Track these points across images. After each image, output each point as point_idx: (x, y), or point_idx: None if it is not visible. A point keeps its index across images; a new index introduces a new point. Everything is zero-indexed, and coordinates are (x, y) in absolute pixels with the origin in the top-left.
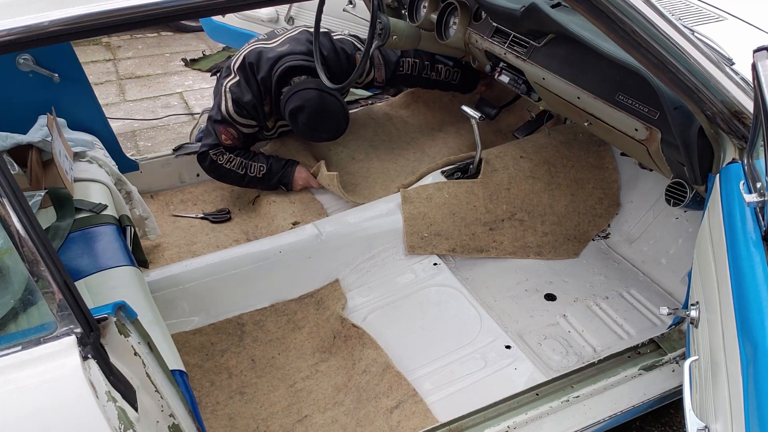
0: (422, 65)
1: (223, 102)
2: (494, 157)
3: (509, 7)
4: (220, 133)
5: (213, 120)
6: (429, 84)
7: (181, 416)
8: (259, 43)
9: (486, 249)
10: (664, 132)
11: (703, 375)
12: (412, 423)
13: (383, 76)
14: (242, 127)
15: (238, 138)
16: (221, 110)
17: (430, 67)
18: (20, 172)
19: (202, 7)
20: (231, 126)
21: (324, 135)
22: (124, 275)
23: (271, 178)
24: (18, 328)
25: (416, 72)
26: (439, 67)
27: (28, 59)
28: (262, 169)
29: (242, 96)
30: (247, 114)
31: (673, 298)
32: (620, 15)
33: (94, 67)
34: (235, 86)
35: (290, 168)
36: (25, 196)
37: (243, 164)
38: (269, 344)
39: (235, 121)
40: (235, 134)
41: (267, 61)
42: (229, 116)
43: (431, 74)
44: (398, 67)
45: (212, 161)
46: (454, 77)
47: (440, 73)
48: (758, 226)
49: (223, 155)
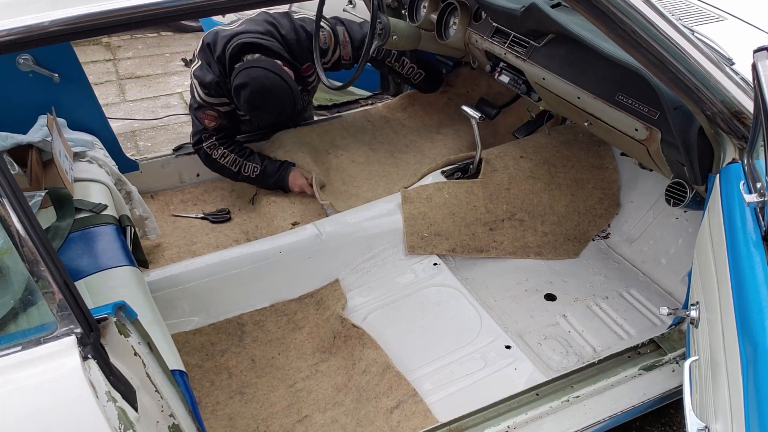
0: (388, 52)
1: (194, 89)
2: (494, 157)
3: (509, 7)
4: (202, 118)
5: (192, 109)
6: (390, 72)
7: (181, 416)
8: (218, 28)
9: (486, 249)
10: (664, 132)
11: (703, 375)
12: (412, 423)
13: (349, 54)
14: (218, 107)
15: (219, 117)
16: (194, 97)
17: (396, 57)
18: (20, 172)
19: (202, 7)
20: (208, 108)
21: (265, 115)
22: (124, 275)
23: (266, 180)
24: (18, 328)
25: (380, 57)
26: (404, 60)
27: (28, 59)
28: (256, 170)
29: (204, 77)
30: (215, 92)
31: (673, 298)
32: (620, 15)
33: (94, 67)
34: (197, 70)
35: (285, 172)
36: (25, 196)
37: (237, 162)
38: (269, 344)
39: (208, 102)
40: (215, 114)
41: (222, 39)
42: (202, 100)
43: (395, 64)
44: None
45: (206, 154)
46: (414, 77)
47: (404, 66)
48: (758, 226)
49: (216, 149)
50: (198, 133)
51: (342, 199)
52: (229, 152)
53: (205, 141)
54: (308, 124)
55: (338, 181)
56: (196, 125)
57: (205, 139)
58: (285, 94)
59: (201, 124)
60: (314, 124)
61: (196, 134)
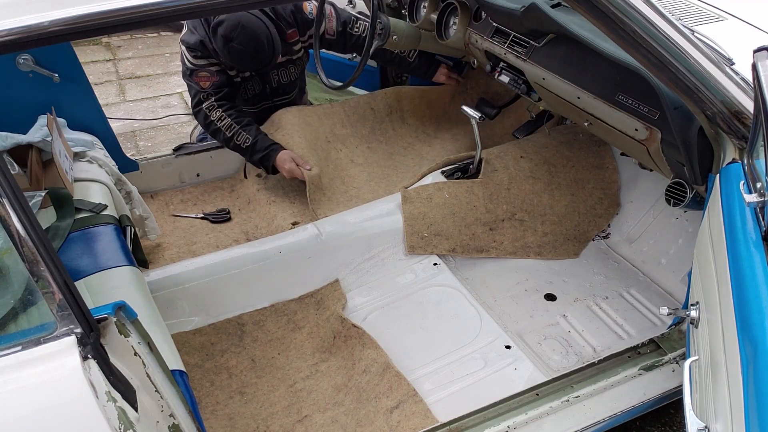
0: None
1: (183, 56)
2: (494, 157)
3: (509, 7)
4: (197, 81)
5: (186, 76)
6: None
7: (181, 416)
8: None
9: (486, 249)
10: (664, 132)
11: (703, 375)
12: (412, 423)
13: (334, 28)
14: (209, 67)
15: (213, 75)
16: (185, 63)
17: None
18: (20, 172)
19: (202, 7)
20: (199, 70)
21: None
22: (124, 275)
23: (254, 154)
24: (18, 328)
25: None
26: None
27: (28, 59)
28: (248, 141)
29: (190, 39)
30: (201, 54)
31: (673, 298)
32: (620, 15)
33: (94, 67)
34: (185, 35)
35: (273, 153)
36: (25, 196)
37: (232, 128)
38: (269, 344)
39: (198, 65)
40: (208, 74)
41: None
42: (192, 64)
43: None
44: (352, 23)
45: (205, 115)
46: (410, 54)
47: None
48: (758, 226)
49: (215, 110)
50: (196, 95)
51: (342, 202)
52: (227, 116)
53: (204, 101)
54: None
55: (337, 180)
56: (193, 89)
57: (204, 99)
58: (261, 32)
59: (197, 87)
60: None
61: (195, 97)
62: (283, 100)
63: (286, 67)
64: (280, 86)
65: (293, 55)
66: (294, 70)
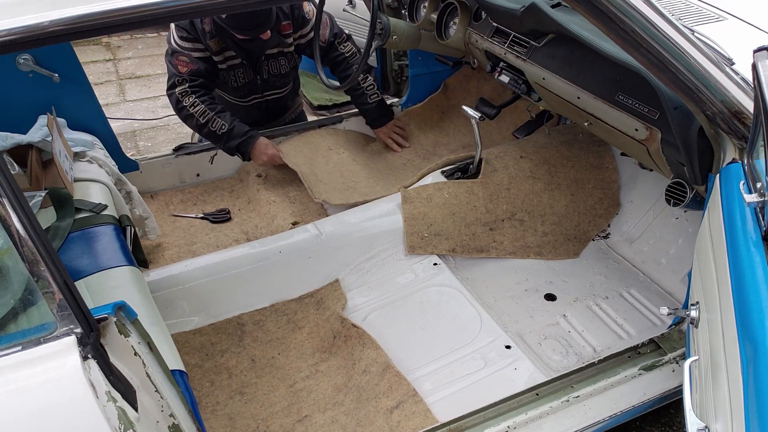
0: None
1: (171, 33)
2: (494, 157)
3: (509, 7)
4: (176, 64)
5: (167, 55)
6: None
7: (181, 416)
8: None
9: (486, 249)
10: (664, 132)
11: (703, 375)
12: (412, 423)
13: (326, 37)
14: (191, 51)
15: (192, 62)
16: (170, 42)
17: (365, 70)
18: (20, 172)
19: (202, 7)
20: (182, 54)
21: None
22: (124, 275)
23: (231, 140)
24: (18, 328)
25: (351, 61)
26: (368, 77)
27: (28, 59)
28: (224, 128)
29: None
30: (188, 36)
31: (673, 298)
32: (620, 15)
33: (94, 67)
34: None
35: (252, 139)
36: (25, 196)
37: (205, 114)
38: (269, 344)
39: (183, 48)
40: (188, 59)
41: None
42: (177, 45)
43: (360, 75)
44: (340, 39)
45: (177, 100)
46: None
47: (367, 80)
48: (758, 226)
49: (188, 96)
50: (171, 78)
51: (339, 191)
52: (200, 102)
53: (177, 86)
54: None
55: (336, 173)
56: (170, 71)
57: (178, 83)
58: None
59: (174, 70)
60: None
61: (170, 80)
62: (274, 94)
63: (277, 58)
64: (271, 77)
65: (284, 47)
66: (285, 63)
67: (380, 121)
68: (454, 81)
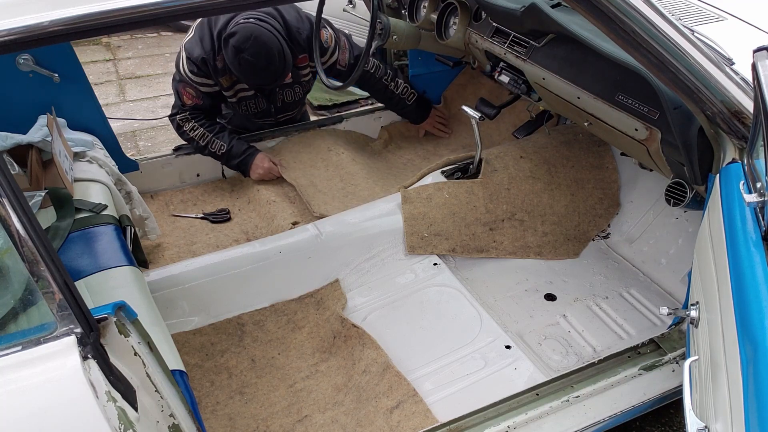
0: (384, 71)
1: (181, 61)
2: (494, 157)
3: (509, 7)
4: (182, 93)
5: (175, 81)
6: (385, 94)
7: (181, 416)
8: None
9: (486, 249)
10: (664, 132)
11: (703, 375)
12: (412, 423)
13: (346, 60)
14: (199, 86)
15: (198, 97)
16: (179, 70)
17: (392, 77)
18: (20, 172)
19: (202, 7)
20: (189, 86)
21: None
22: (124, 275)
23: (230, 160)
24: (18, 328)
25: (378, 74)
26: (398, 81)
27: (28, 59)
28: (222, 148)
29: (193, 51)
30: (199, 71)
31: (673, 298)
32: (620, 15)
33: (94, 67)
34: (189, 43)
35: (249, 157)
36: (25, 196)
37: (205, 137)
38: (269, 344)
39: (192, 80)
40: (194, 93)
41: (226, 17)
42: (186, 75)
43: (390, 83)
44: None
45: (178, 125)
46: (409, 97)
47: (398, 86)
48: (758, 226)
49: (188, 122)
50: (176, 106)
51: (338, 198)
52: (200, 126)
53: (179, 114)
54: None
55: (336, 178)
56: (176, 98)
57: (179, 111)
58: (274, 46)
59: (179, 99)
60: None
61: (173, 107)
62: (286, 116)
63: (292, 87)
64: (285, 104)
65: (300, 78)
66: (299, 90)
67: (423, 117)
68: (452, 91)
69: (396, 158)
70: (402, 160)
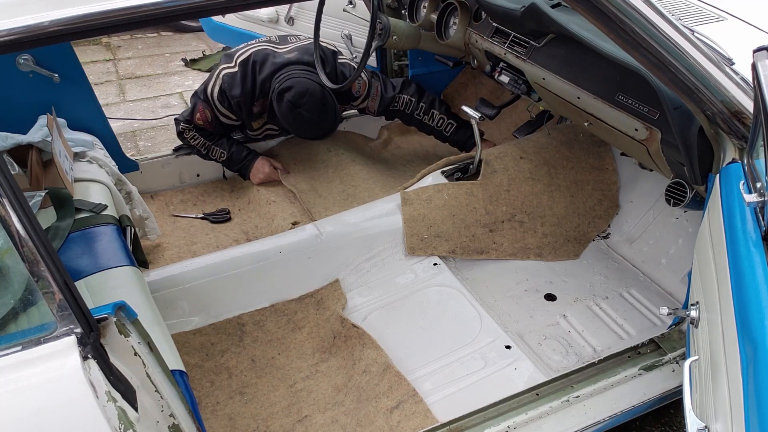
0: (416, 105)
1: (212, 84)
2: (494, 158)
3: (509, 7)
4: (198, 110)
5: (196, 95)
6: (422, 128)
7: (181, 416)
8: (269, 46)
9: (486, 250)
10: (664, 132)
11: (703, 375)
12: (412, 423)
13: (375, 107)
14: (220, 115)
15: (210, 123)
16: (206, 90)
17: (425, 110)
18: (20, 172)
19: (202, 7)
20: (209, 108)
21: (306, 117)
22: (124, 275)
23: (231, 166)
24: (18, 328)
25: (409, 110)
26: (433, 113)
27: (28, 59)
28: (223, 156)
29: (232, 88)
30: (228, 106)
31: (673, 298)
32: (620, 15)
33: (94, 67)
34: (229, 76)
35: (250, 162)
36: (25, 196)
37: (205, 145)
38: (269, 344)
39: (215, 106)
40: (210, 118)
41: (272, 65)
42: (211, 98)
43: (423, 117)
44: (393, 102)
45: (180, 132)
46: (446, 128)
47: (433, 118)
48: (758, 226)
49: (190, 131)
50: (185, 115)
51: (338, 202)
52: (200, 136)
53: (185, 122)
54: None
55: (336, 180)
56: (189, 110)
57: (186, 122)
58: (328, 102)
59: (191, 110)
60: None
61: (184, 112)
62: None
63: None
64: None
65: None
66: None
67: (470, 144)
68: (452, 91)
69: (396, 158)
70: (402, 160)
